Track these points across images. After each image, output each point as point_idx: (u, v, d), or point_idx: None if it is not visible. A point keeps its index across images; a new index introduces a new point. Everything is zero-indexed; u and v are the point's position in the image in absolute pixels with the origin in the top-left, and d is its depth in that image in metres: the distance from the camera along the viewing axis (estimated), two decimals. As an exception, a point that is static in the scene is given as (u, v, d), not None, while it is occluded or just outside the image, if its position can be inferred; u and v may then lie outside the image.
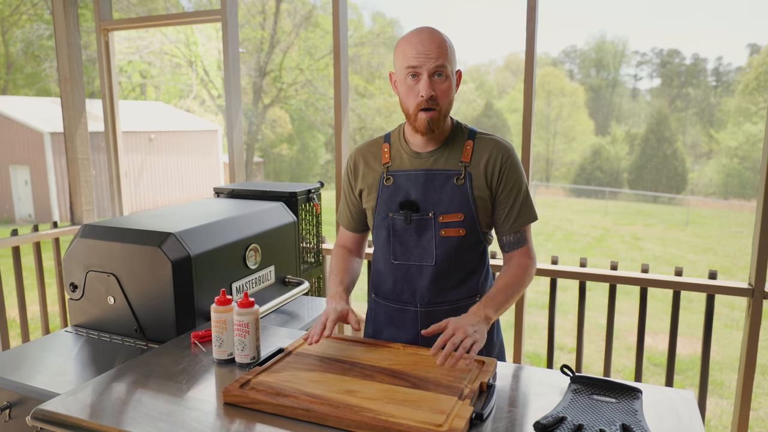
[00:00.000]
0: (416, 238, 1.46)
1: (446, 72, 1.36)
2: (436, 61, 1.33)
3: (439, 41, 1.35)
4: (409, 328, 1.51)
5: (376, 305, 1.59)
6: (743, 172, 19.96)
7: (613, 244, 12.99)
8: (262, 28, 20.89)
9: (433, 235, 1.44)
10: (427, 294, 1.48)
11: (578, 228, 14.68)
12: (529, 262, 1.48)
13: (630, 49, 26.18)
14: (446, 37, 1.38)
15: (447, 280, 1.47)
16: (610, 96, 25.26)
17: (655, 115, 22.43)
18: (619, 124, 24.20)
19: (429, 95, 1.34)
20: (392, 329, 1.54)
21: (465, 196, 1.43)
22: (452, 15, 31.52)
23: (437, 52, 1.33)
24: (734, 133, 20.74)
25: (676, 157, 21.40)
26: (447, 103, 1.38)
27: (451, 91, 1.39)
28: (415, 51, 1.34)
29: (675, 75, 24.66)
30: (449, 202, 1.43)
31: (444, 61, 1.34)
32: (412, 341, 1.50)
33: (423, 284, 1.47)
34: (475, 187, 1.43)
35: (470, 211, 1.43)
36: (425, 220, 1.44)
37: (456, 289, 1.48)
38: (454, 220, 1.43)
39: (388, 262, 1.51)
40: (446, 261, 1.45)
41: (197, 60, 19.75)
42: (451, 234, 1.44)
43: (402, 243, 1.48)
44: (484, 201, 1.44)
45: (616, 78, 26.19)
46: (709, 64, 25.23)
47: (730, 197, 19.62)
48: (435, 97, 1.36)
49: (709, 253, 12.30)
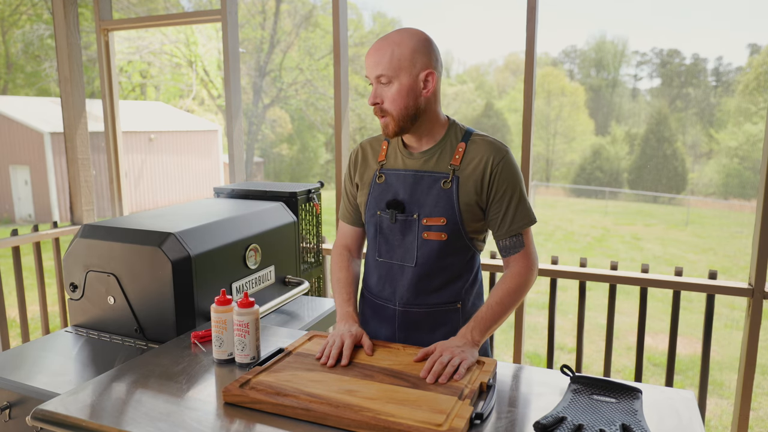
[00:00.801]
0: (400, 238, 1.46)
1: (389, 78, 1.36)
2: (376, 70, 1.36)
3: (384, 47, 1.36)
4: (389, 325, 1.52)
5: (364, 299, 1.61)
6: (743, 172, 19.96)
7: (613, 244, 12.99)
8: (262, 28, 20.89)
9: (415, 236, 1.44)
10: (406, 294, 1.47)
11: (578, 228, 14.68)
12: (527, 269, 1.44)
13: (630, 49, 26.20)
14: (402, 39, 1.36)
15: (428, 283, 1.46)
16: (610, 96, 25.27)
17: (655, 115, 22.44)
18: (619, 124, 24.20)
19: (372, 103, 1.39)
20: (375, 324, 1.56)
21: (450, 200, 1.41)
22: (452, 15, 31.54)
23: (377, 60, 1.36)
24: (734, 133, 20.75)
25: (676, 157, 21.41)
26: (397, 108, 1.37)
27: (401, 96, 1.36)
28: (367, 61, 1.39)
29: (675, 75, 24.67)
30: (433, 205, 1.42)
31: (383, 68, 1.35)
32: (390, 338, 1.52)
33: (403, 284, 1.47)
34: (462, 192, 1.41)
35: (454, 216, 1.41)
36: (409, 221, 1.44)
37: (436, 293, 1.47)
38: (436, 223, 1.42)
39: (374, 258, 1.53)
40: (427, 264, 1.44)
41: (197, 60, 19.75)
42: (432, 237, 1.42)
43: (387, 241, 1.48)
44: (470, 206, 1.41)
45: (616, 78, 26.20)
46: (709, 64, 25.25)
47: (730, 197, 19.62)
48: (381, 103, 1.39)
49: (709, 253, 12.30)
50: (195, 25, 3.28)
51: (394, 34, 1.37)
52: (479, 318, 1.37)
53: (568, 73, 26.89)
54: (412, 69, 1.36)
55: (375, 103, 1.39)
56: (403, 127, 1.40)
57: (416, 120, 1.40)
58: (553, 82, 24.33)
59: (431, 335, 1.48)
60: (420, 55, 1.36)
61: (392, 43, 1.35)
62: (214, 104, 21.31)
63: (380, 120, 1.41)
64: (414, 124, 1.41)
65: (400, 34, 1.37)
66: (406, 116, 1.39)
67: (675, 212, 17.82)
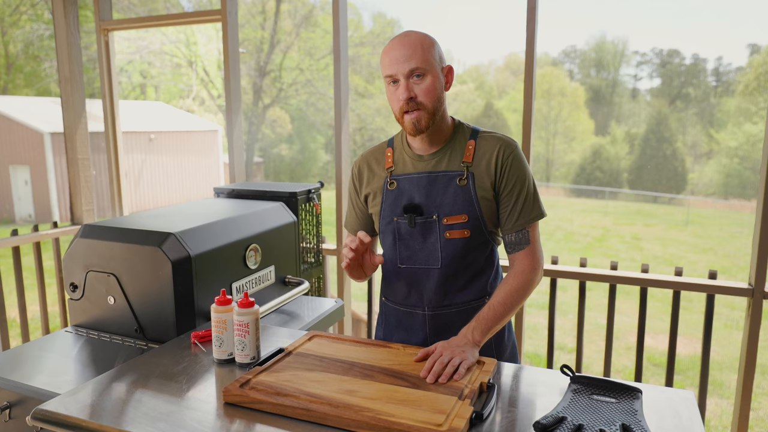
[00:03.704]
0: (421, 241, 1.45)
1: (424, 72, 1.36)
2: (409, 64, 1.34)
3: (412, 43, 1.35)
4: (419, 331, 1.51)
5: (386, 308, 1.59)
6: (743, 172, 19.96)
7: (613, 244, 12.99)
8: (262, 28, 20.89)
9: (438, 237, 1.44)
10: (434, 297, 1.47)
11: (578, 228, 14.68)
12: (531, 268, 1.43)
13: (630, 49, 26.17)
14: (424, 37, 1.38)
15: (454, 282, 1.46)
16: (610, 96, 25.26)
17: (655, 115, 22.43)
18: (619, 124, 24.18)
19: (407, 97, 1.36)
20: (402, 332, 1.54)
21: (468, 196, 1.41)
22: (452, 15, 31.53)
23: (409, 55, 1.34)
24: (734, 133, 20.74)
25: (676, 157, 21.40)
26: (431, 101, 1.37)
27: (435, 89, 1.37)
28: (389, 59, 1.37)
29: (675, 75, 24.66)
30: (452, 203, 1.42)
31: (418, 62, 1.34)
32: (422, 345, 1.49)
33: (430, 287, 1.46)
34: (479, 187, 1.42)
35: (474, 212, 1.42)
36: (429, 222, 1.44)
37: (464, 291, 1.47)
38: (458, 221, 1.42)
39: (395, 266, 1.51)
40: (452, 263, 1.44)
41: (197, 60, 19.76)
42: (456, 236, 1.43)
43: (408, 247, 1.47)
44: (488, 201, 1.42)
45: (616, 78, 26.18)
46: (709, 64, 25.23)
47: (730, 197, 19.61)
48: (415, 97, 1.36)
49: (709, 253, 12.30)
50: (195, 25, 3.28)
51: (411, 33, 1.38)
52: (481, 318, 1.37)
53: (568, 73, 26.88)
54: (438, 64, 1.39)
55: (410, 97, 1.36)
56: (434, 121, 1.40)
57: (439, 116, 1.42)
58: (553, 82, 24.32)
59: None
60: (439, 51, 1.40)
61: (416, 40, 1.36)
62: (214, 104, 21.31)
63: (408, 116, 1.38)
64: (437, 121, 1.42)
65: (416, 33, 1.38)
66: (438, 109, 1.40)
67: (675, 212, 17.82)
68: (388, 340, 1.58)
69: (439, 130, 1.44)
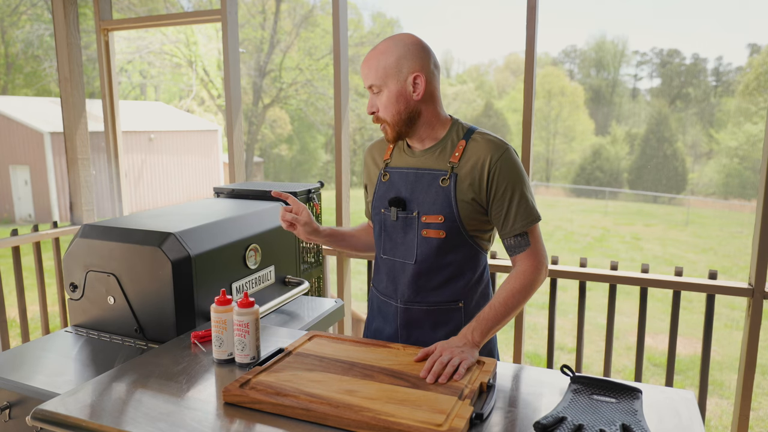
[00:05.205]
0: (402, 235, 1.48)
1: (379, 88, 1.41)
2: (367, 80, 1.43)
3: (370, 59, 1.42)
4: (392, 322, 1.54)
5: (372, 294, 1.65)
6: (743, 172, 19.96)
7: (613, 244, 13.00)
8: (262, 28, 20.89)
9: (415, 234, 1.46)
10: (407, 291, 1.49)
11: (578, 228, 14.69)
12: (533, 268, 1.41)
13: (630, 49, 26.20)
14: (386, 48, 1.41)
15: (427, 281, 1.47)
16: (610, 96, 25.27)
17: (655, 115, 22.45)
18: (619, 124, 24.19)
19: (369, 112, 1.46)
20: (380, 320, 1.58)
21: (447, 197, 1.41)
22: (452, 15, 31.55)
23: (366, 72, 1.42)
24: (734, 133, 20.74)
25: (676, 157, 21.41)
26: (389, 114, 1.42)
27: (393, 102, 1.41)
28: (361, 74, 1.45)
29: (675, 75, 24.68)
30: (432, 202, 1.43)
31: (372, 78, 1.41)
32: (392, 336, 1.54)
33: (404, 281, 1.49)
34: (459, 190, 1.41)
35: (451, 214, 1.41)
36: (410, 218, 1.46)
37: (436, 292, 1.47)
38: (435, 221, 1.43)
39: (380, 255, 1.56)
40: (426, 261, 1.45)
41: (197, 60, 19.76)
42: (431, 235, 1.43)
43: (390, 239, 1.51)
44: (468, 204, 1.41)
45: (616, 78, 26.20)
46: (709, 64, 25.23)
47: (730, 197, 19.62)
48: (376, 112, 1.44)
49: (709, 253, 12.30)
50: (195, 25, 3.28)
51: (382, 44, 1.43)
52: (481, 318, 1.37)
53: (568, 73, 26.90)
54: (398, 75, 1.40)
55: (372, 112, 1.45)
56: (400, 131, 1.44)
57: (413, 123, 1.44)
58: (553, 82, 24.33)
59: (433, 334, 1.48)
60: (406, 60, 1.39)
61: (378, 54, 1.41)
62: (214, 104, 21.31)
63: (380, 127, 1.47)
64: (412, 127, 1.45)
65: (387, 43, 1.42)
66: (400, 121, 1.43)
67: (675, 212, 17.83)
68: (370, 324, 1.63)
69: (428, 131, 1.47)
